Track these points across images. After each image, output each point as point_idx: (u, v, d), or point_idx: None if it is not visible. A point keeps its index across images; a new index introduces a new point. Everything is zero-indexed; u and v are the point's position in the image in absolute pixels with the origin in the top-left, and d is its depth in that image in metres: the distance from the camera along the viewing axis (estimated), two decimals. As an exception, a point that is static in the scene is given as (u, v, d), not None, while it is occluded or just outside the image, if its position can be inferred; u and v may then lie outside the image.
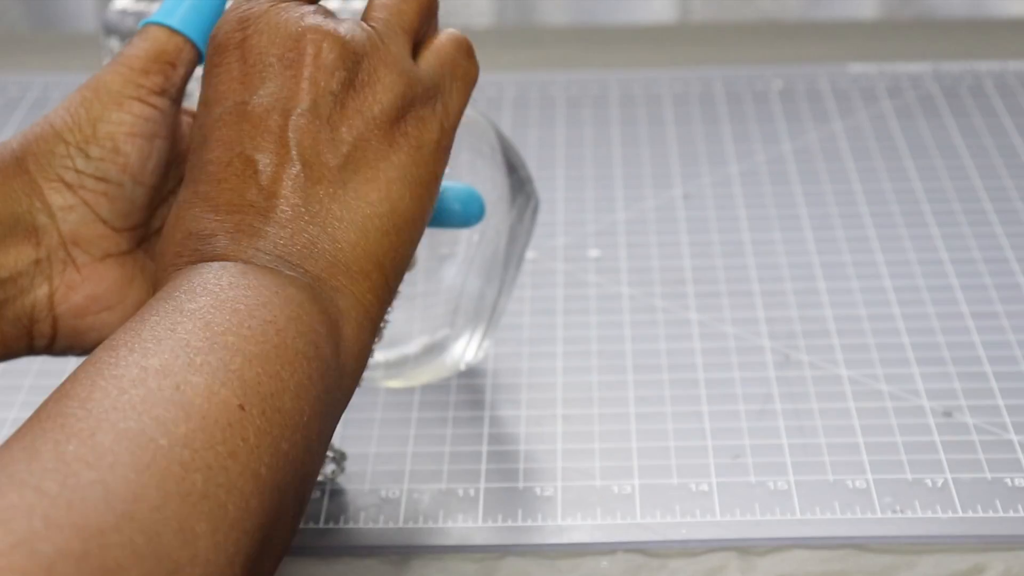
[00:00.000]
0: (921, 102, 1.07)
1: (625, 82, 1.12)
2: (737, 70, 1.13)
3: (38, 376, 0.80)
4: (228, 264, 0.56)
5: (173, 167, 0.67)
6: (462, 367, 0.76)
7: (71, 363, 0.81)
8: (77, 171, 0.64)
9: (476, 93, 1.10)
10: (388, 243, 0.59)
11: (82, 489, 0.45)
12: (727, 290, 0.86)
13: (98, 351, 0.52)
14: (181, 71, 0.65)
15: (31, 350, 0.65)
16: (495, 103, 1.09)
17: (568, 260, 0.89)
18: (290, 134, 0.59)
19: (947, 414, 0.74)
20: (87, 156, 0.64)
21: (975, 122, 1.04)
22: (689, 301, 0.85)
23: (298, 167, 0.59)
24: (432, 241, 0.73)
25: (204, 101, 0.61)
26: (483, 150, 0.73)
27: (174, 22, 0.65)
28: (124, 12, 0.97)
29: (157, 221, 0.67)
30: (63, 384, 0.50)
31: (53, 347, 0.65)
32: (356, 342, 0.58)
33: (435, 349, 0.74)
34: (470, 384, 0.77)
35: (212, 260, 0.57)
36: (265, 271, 0.56)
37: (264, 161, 0.59)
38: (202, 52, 0.66)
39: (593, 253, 0.90)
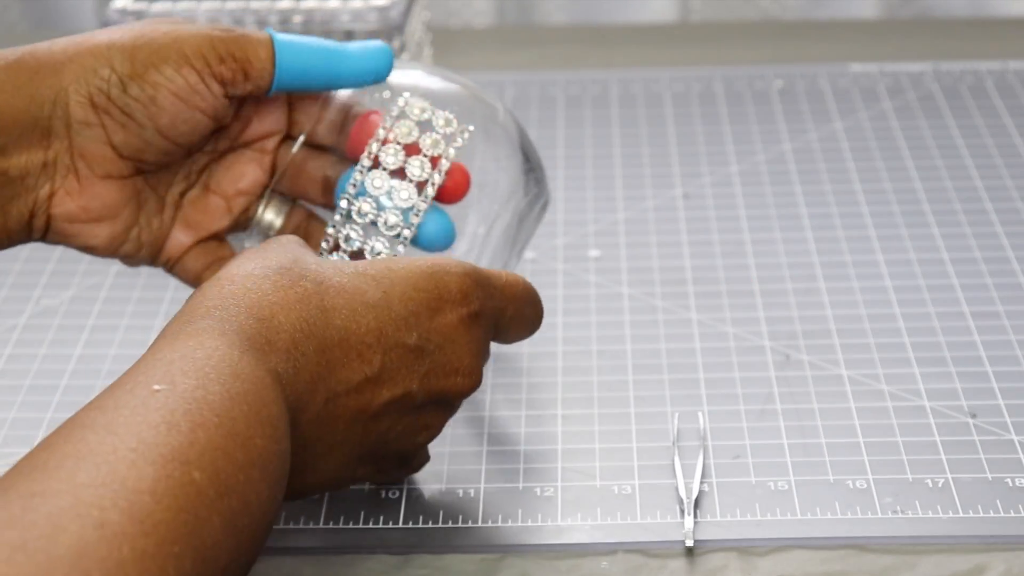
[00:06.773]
0: (921, 102, 1.07)
1: (625, 82, 1.12)
2: (737, 70, 1.13)
3: (37, 376, 0.80)
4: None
5: (210, 143, 0.70)
6: None
7: (68, 365, 0.80)
8: (109, 97, 0.66)
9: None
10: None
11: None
12: (727, 290, 0.85)
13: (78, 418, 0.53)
14: (247, 87, 0.67)
15: (29, 239, 0.68)
16: (495, 103, 1.09)
17: (568, 260, 0.89)
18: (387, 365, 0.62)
19: (947, 414, 0.74)
20: (124, 90, 0.66)
21: (976, 122, 1.03)
22: (689, 301, 0.85)
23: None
24: None
25: (388, 295, 0.62)
26: (500, 137, 0.72)
27: (282, 55, 0.67)
28: (123, 11, 0.97)
29: (176, 175, 0.70)
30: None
31: (45, 239, 0.69)
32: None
33: None
34: (470, 384, 0.77)
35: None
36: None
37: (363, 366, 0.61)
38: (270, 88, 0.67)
39: (593, 253, 0.90)
